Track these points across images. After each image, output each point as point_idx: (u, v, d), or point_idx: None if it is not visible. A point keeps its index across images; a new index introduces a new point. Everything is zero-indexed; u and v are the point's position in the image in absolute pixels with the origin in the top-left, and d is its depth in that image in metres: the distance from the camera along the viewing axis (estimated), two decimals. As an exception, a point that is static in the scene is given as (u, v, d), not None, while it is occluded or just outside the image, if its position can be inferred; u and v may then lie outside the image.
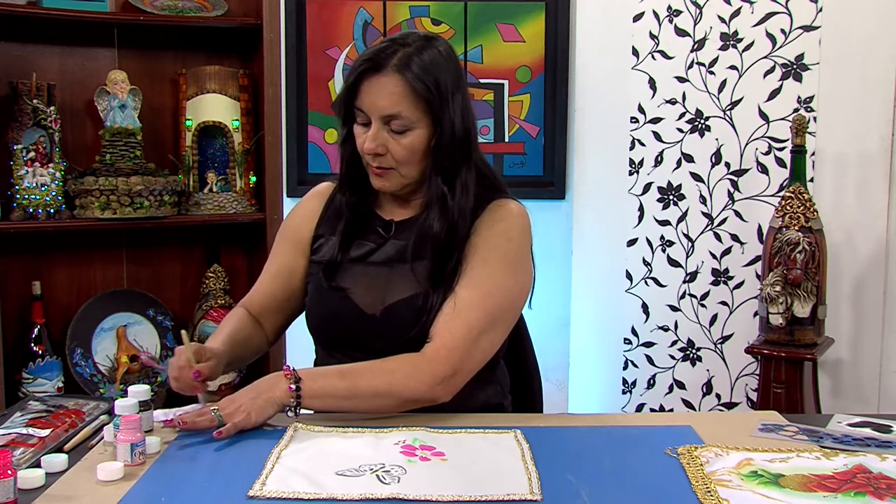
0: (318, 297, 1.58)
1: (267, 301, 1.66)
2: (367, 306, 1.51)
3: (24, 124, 2.43)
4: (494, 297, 1.47)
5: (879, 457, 1.21)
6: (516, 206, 1.57)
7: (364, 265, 1.55)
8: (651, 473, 1.19)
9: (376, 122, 1.47)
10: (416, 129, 1.46)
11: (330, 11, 2.88)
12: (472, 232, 1.51)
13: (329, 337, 1.58)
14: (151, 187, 2.50)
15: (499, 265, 1.49)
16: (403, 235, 1.55)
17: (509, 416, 1.55)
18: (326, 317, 1.56)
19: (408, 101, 1.45)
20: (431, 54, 1.47)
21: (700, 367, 2.76)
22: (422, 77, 1.44)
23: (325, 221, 1.63)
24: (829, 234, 2.43)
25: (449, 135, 1.47)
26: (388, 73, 1.44)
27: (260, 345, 1.66)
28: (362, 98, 1.47)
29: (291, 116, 2.86)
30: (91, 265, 2.68)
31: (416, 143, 1.47)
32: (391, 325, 1.49)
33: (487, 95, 2.91)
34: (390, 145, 1.47)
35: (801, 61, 2.60)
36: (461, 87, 1.51)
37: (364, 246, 1.57)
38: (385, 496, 1.09)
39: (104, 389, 2.56)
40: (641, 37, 2.73)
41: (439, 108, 1.46)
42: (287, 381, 1.37)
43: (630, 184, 2.78)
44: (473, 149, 1.53)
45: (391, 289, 1.51)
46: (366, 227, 1.59)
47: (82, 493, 1.12)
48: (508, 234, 1.52)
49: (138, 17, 2.58)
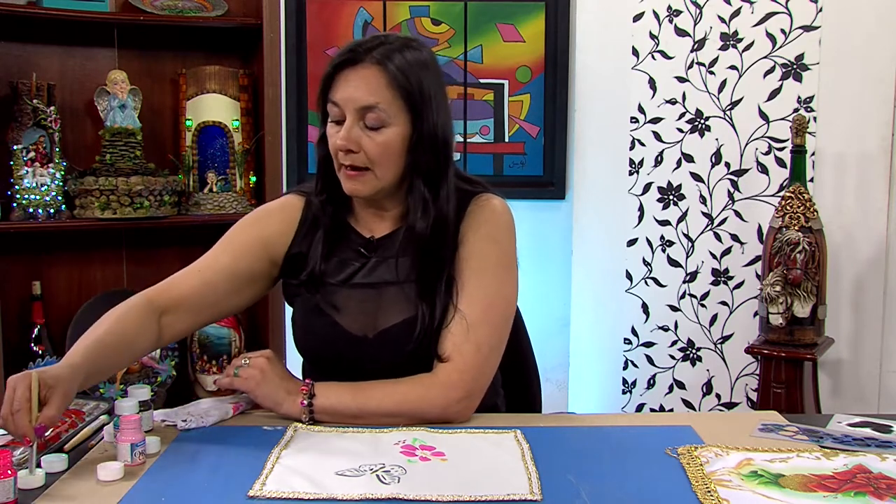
0: (307, 320, 1.51)
1: (194, 298, 1.47)
2: (358, 330, 1.46)
3: (24, 124, 2.43)
4: (496, 307, 1.45)
5: (879, 457, 1.21)
6: (499, 203, 1.52)
7: (349, 288, 1.47)
8: (651, 473, 1.19)
9: (351, 116, 1.38)
10: (392, 126, 1.39)
11: (330, 11, 2.88)
12: (459, 239, 1.47)
13: (320, 360, 1.53)
14: (151, 187, 2.50)
15: (494, 273, 1.46)
16: (386, 252, 1.49)
17: (509, 416, 1.55)
18: (317, 342, 1.50)
19: (387, 93, 1.38)
20: (415, 54, 1.42)
21: (700, 367, 2.76)
22: (403, 70, 1.38)
23: (301, 238, 1.52)
24: (829, 234, 2.43)
25: (430, 136, 1.41)
26: (367, 65, 1.38)
27: (144, 349, 1.45)
28: (337, 90, 1.40)
29: (291, 116, 2.86)
30: (91, 265, 2.68)
31: (392, 141, 1.40)
32: (388, 348, 1.45)
33: (487, 95, 2.90)
34: (364, 142, 1.39)
35: (801, 61, 2.60)
36: (443, 92, 1.45)
37: (348, 266, 1.49)
38: (385, 496, 1.09)
39: (104, 389, 2.56)
40: (641, 37, 2.73)
41: (420, 106, 1.39)
42: (302, 397, 1.37)
43: (630, 184, 2.78)
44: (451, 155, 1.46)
45: (383, 312, 1.46)
46: (345, 242, 1.51)
47: (82, 493, 1.12)
48: (496, 237, 1.48)
49: (138, 17, 2.58)
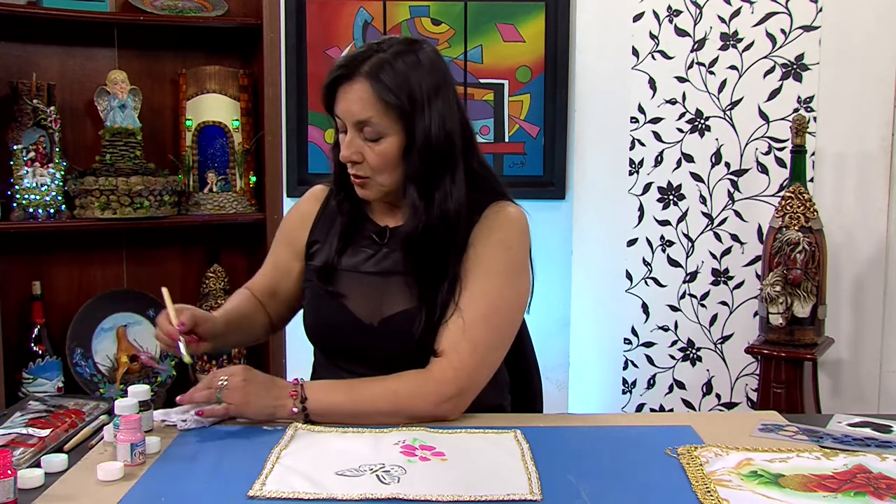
0: (316, 304, 1.57)
1: (268, 290, 1.68)
2: (364, 317, 1.50)
3: (24, 124, 2.43)
4: (500, 311, 1.47)
5: (879, 457, 1.21)
6: (514, 210, 1.54)
7: (359, 273, 1.53)
8: (651, 473, 1.19)
9: (351, 128, 1.45)
10: (388, 137, 1.44)
11: (330, 11, 2.88)
12: (469, 242, 1.49)
13: (328, 346, 1.58)
14: (151, 187, 2.50)
15: (501, 277, 1.48)
16: (398, 244, 1.53)
17: (509, 416, 1.55)
18: (325, 326, 1.55)
19: (377, 108, 1.42)
20: (407, 60, 1.43)
21: (700, 367, 2.76)
22: (390, 84, 1.41)
23: (319, 226, 1.62)
24: (829, 234, 2.43)
25: (423, 143, 1.43)
26: (359, 80, 1.42)
27: (263, 325, 1.68)
28: (337, 104, 1.46)
29: (291, 116, 2.86)
30: (91, 265, 2.68)
31: (389, 151, 1.44)
32: (390, 336, 1.48)
33: (487, 95, 2.90)
34: (366, 153, 1.45)
35: (801, 61, 2.60)
36: (442, 92, 1.46)
37: (359, 253, 1.55)
38: (385, 496, 1.09)
39: (104, 389, 2.56)
40: (641, 37, 2.73)
41: (410, 116, 1.43)
42: (292, 402, 1.37)
43: (630, 184, 2.78)
44: (459, 154, 1.49)
45: (387, 300, 1.50)
46: (360, 232, 1.57)
47: (82, 493, 1.12)
48: (507, 243, 1.50)
49: (138, 17, 2.58)
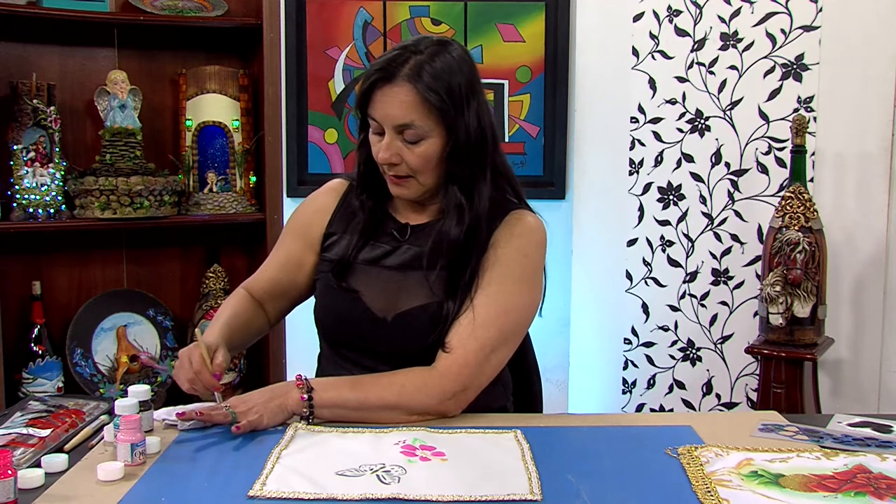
0: (329, 296, 1.57)
1: (271, 287, 1.66)
2: (378, 311, 1.51)
3: (24, 124, 2.43)
4: (510, 315, 1.48)
5: (879, 457, 1.21)
6: (535, 221, 1.56)
7: (377, 268, 1.54)
8: (651, 473, 1.19)
9: (389, 131, 1.46)
10: (429, 138, 1.45)
11: (330, 11, 2.87)
12: (490, 244, 1.50)
13: (337, 337, 1.58)
14: (151, 187, 2.50)
15: (516, 283, 1.49)
16: (419, 241, 1.54)
17: (509, 416, 1.55)
18: (336, 317, 1.56)
19: (420, 111, 1.43)
20: (444, 60, 1.45)
21: (700, 367, 2.76)
22: (433, 86, 1.42)
23: (337, 219, 1.62)
24: (829, 234, 2.43)
25: (464, 142, 1.46)
26: (400, 83, 1.43)
27: (260, 327, 1.66)
28: (375, 108, 1.46)
29: (291, 116, 2.86)
30: (91, 265, 2.68)
31: (431, 152, 1.46)
32: (403, 331, 1.49)
33: (487, 95, 2.90)
34: (404, 154, 1.46)
35: (801, 61, 2.60)
36: (476, 92, 1.49)
37: (378, 248, 1.56)
38: (385, 496, 1.09)
39: (104, 389, 2.56)
40: (641, 37, 2.73)
41: (453, 117, 1.44)
42: (299, 391, 1.37)
43: (630, 184, 2.78)
44: (490, 152, 1.51)
45: (404, 294, 1.50)
46: (380, 228, 1.58)
47: (82, 493, 1.12)
48: (525, 250, 1.52)
49: (138, 17, 2.58)
